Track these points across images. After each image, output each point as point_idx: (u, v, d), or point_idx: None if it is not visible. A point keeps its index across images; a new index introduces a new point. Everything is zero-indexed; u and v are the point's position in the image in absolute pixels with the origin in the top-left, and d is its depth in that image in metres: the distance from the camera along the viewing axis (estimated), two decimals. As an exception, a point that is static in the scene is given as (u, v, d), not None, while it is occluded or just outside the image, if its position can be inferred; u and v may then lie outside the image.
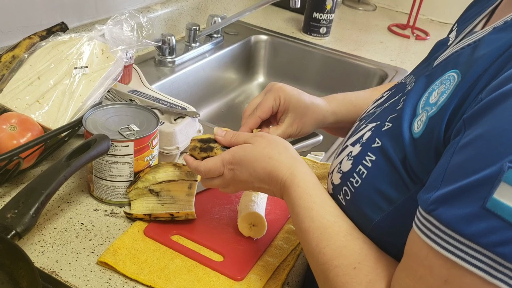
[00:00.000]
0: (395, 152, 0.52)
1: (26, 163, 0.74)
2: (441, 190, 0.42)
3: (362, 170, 0.55)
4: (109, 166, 0.73)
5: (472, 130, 0.42)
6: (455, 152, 0.43)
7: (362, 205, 0.55)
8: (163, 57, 1.26)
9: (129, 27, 0.86)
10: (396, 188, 0.52)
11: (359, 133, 0.61)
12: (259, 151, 0.63)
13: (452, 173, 0.42)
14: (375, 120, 0.60)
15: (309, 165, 0.93)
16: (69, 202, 0.76)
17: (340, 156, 0.62)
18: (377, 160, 0.54)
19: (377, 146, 0.55)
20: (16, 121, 0.75)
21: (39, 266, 0.64)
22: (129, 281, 0.64)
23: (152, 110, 0.79)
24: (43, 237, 0.69)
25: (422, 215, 0.44)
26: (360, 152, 0.57)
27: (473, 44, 0.52)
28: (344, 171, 0.58)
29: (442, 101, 0.49)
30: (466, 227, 0.39)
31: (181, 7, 1.39)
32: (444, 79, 0.51)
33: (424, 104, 0.52)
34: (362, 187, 0.55)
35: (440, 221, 0.41)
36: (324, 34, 1.59)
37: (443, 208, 0.41)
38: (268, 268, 0.68)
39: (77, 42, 0.84)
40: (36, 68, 0.82)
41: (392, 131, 0.54)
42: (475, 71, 0.47)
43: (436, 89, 0.52)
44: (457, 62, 0.52)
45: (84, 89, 0.82)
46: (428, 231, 0.43)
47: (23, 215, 0.57)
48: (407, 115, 0.53)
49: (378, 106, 0.65)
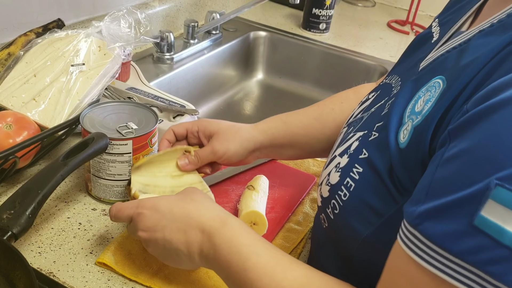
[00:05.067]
0: (382, 163, 0.50)
1: (22, 162, 0.73)
2: (426, 204, 0.40)
3: (349, 182, 0.53)
4: (107, 165, 0.71)
5: (457, 143, 0.40)
6: (440, 165, 0.41)
7: (351, 219, 0.53)
8: (161, 54, 1.25)
9: (126, 24, 0.84)
10: (383, 201, 0.50)
11: (347, 142, 0.58)
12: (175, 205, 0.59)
13: (438, 188, 0.40)
14: (363, 129, 0.57)
15: (309, 163, 0.92)
16: (66, 202, 0.75)
17: (329, 167, 0.59)
18: (364, 172, 0.52)
19: (364, 157, 0.53)
20: (12, 119, 0.74)
21: (36, 267, 0.63)
22: (128, 281, 0.63)
23: (150, 108, 0.78)
24: (40, 237, 0.68)
25: (407, 229, 0.42)
26: (347, 164, 0.55)
27: (458, 48, 0.50)
28: (332, 183, 0.56)
29: (427, 110, 0.47)
30: (453, 244, 0.38)
31: (179, 3, 1.38)
32: (430, 86, 0.49)
33: (410, 112, 0.50)
34: (350, 200, 0.53)
35: (426, 236, 0.40)
36: (324, 30, 1.58)
37: (429, 223, 0.39)
38: (269, 268, 0.67)
39: (74, 39, 0.83)
40: (32, 65, 0.81)
41: (379, 141, 0.52)
42: (462, 79, 0.45)
43: (422, 97, 0.49)
44: (443, 68, 0.50)
45: (81, 86, 0.80)
46: (413, 246, 0.41)
47: (19, 215, 0.56)
48: (394, 123, 0.51)
49: (365, 110, 0.62)
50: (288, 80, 1.57)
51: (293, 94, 1.54)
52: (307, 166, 0.91)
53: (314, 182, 0.86)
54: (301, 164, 0.91)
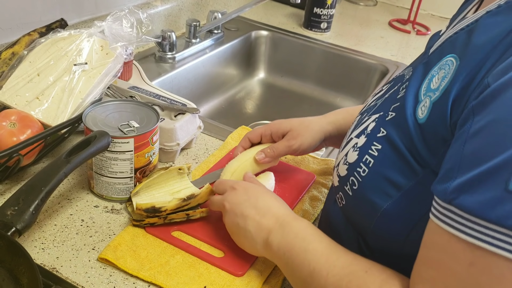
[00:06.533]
0: (401, 139, 0.53)
1: (26, 160, 0.74)
2: (459, 178, 0.42)
3: (368, 159, 0.56)
4: (109, 163, 0.72)
5: (482, 116, 0.43)
6: (467, 140, 0.43)
7: (370, 193, 0.56)
8: (163, 53, 1.26)
9: (128, 23, 0.85)
10: (403, 174, 0.53)
11: (363, 125, 0.62)
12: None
13: (469, 161, 0.42)
14: (378, 111, 0.60)
15: (309, 161, 0.93)
16: (69, 199, 0.76)
17: (345, 149, 0.62)
18: (383, 148, 0.55)
19: (382, 135, 0.56)
20: (15, 118, 0.75)
21: (40, 263, 0.64)
22: (130, 277, 0.64)
23: (152, 107, 0.79)
24: (44, 233, 0.69)
25: (442, 206, 0.44)
26: (365, 143, 0.58)
27: (466, 28, 0.52)
28: (350, 162, 0.59)
29: (444, 86, 0.50)
30: (491, 211, 0.40)
31: (181, 3, 1.39)
32: (443, 65, 0.52)
33: (426, 90, 0.53)
34: (369, 176, 0.56)
35: (463, 209, 0.42)
36: (325, 29, 1.58)
37: (464, 196, 0.42)
38: (268, 264, 0.68)
39: (77, 38, 0.84)
40: (36, 65, 0.82)
41: (396, 120, 0.55)
42: (476, 56, 0.47)
43: (436, 75, 0.52)
44: (453, 47, 0.52)
45: (83, 85, 0.82)
46: (451, 221, 0.43)
47: (23, 212, 0.57)
48: (410, 102, 0.54)
49: (378, 98, 0.66)
50: (289, 79, 1.57)
51: (295, 93, 1.55)
52: (307, 164, 0.91)
53: (314, 179, 0.87)
54: (301, 162, 0.92)
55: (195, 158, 0.90)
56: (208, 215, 0.73)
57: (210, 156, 0.90)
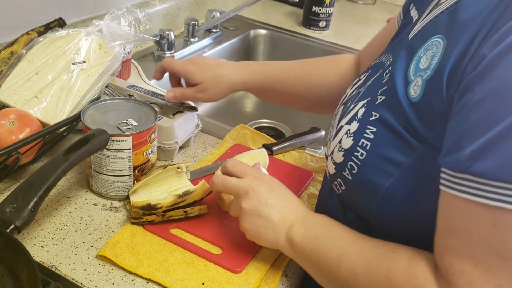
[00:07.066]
0: (395, 119, 0.55)
1: (25, 158, 0.75)
2: (469, 147, 0.44)
3: (365, 143, 0.58)
4: (108, 161, 0.73)
5: (482, 85, 0.44)
6: (471, 110, 0.45)
7: (370, 175, 0.57)
8: (162, 52, 1.26)
9: (126, 22, 0.85)
10: (401, 152, 0.54)
11: (351, 112, 0.63)
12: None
13: (477, 128, 0.44)
14: (364, 98, 0.62)
15: (307, 158, 0.93)
16: (68, 197, 0.76)
17: (337, 137, 0.63)
18: (379, 130, 0.57)
19: (375, 118, 0.58)
20: (14, 116, 0.76)
21: (39, 260, 0.65)
22: (129, 274, 0.64)
23: (150, 105, 0.79)
24: (43, 231, 0.69)
25: (455, 176, 0.45)
26: (359, 128, 0.59)
27: (446, 11, 0.55)
28: (345, 148, 0.60)
29: (435, 64, 0.52)
30: (507, 172, 0.41)
31: (180, 2, 1.39)
32: (429, 45, 0.54)
33: (415, 71, 0.55)
34: (368, 158, 0.57)
35: (479, 175, 0.43)
36: (324, 28, 1.59)
37: (478, 163, 0.43)
38: (266, 260, 0.68)
39: (75, 37, 0.84)
40: (34, 63, 0.82)
41: (387, 102, 0.57)
42: (465, 31, 0.49)
43: (423, 56, 0.54)
44: (436, 29, 0.55)
45: (82, 84, 0.82)
46: (467, 188, 0.44)
47: (21, 209, 0.58)
48: (400, 84, 0.56)
49: (359, 87, 0.67)
50: (288, 78, 1.57)
51: (293, 92, 1.55)
52: (305, 162, 0.92)
53: (312, 177, 0.87)
54: (299, 160, 0.92)
55: (194, 157, 0.90)
56: (206, 212, 0.73)
57: (209, 154, 0.90)
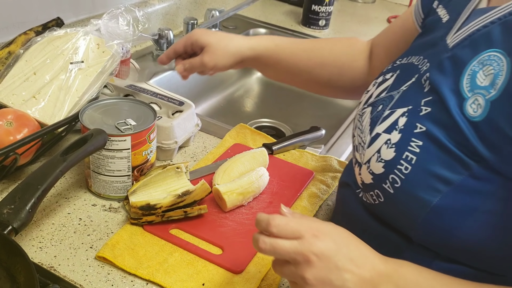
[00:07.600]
0: (447, 136, 0.53)
1: (23, 159, 0.74)
2: None
3: (410, 156, 0.55)
4: (106, 161, 0.72)
5: None
6: None
7: (417, 190, 0.55)
8: (161, 52, 1.25)
9: (124, 22, 0.85)
10: (452, 169, 0.52)
11: (388, 119, 0.60)
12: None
13: None
14: (403, 105, 0.59)
15: (308, 158, 0.92)
16: (67, 198, 0.75)
17: (375, 145, 0.60)
18: (425, 145, 0.55)
19: (421, 131, 0.55)
20: (12, 117, 0.75)
21: (38, 262, 0.64)
22: (128, 275, 0.64)
23: (149, 105, 0.78)
24: (41, 232, 0.68)
25: None
26: (401, 139, 0.57)
27: (501, 20, 0.52)
28: (386, 159, 0.58)
29: (502, 84, 0.50)
30: None
31: (179, 1, 1.39)
32: (485, 60, 0.52)
33: (471, 87, 0.53)
34: (414, 172, 0.55)
35: None
36: (323, 27, 1.58)
37: None
38: (267, 261, 0.68)
39: (73, 37, 0.84)
40: (32, 63, 0.82)
41: (435, 116, 0.55)
42: None
43: (479, 71, 0.52)
44: (490, 41, 0.52)
45: (80, 84, 0.81)
46: None
47: (19, 210, 0.57)
48: (451, 99, 0.54)
49: (389, 90, 0.64)
50: (288, 77, 1.57)
51: (293, 91, 1.54)
52: (305, 161, 0.91)
53: (312, 177, 0.86)
54: (300, 159, 0.92)
55: (193, 156, 0.90)
56: (206, 212, 0.73)
57: (208, 154, 0.90)
